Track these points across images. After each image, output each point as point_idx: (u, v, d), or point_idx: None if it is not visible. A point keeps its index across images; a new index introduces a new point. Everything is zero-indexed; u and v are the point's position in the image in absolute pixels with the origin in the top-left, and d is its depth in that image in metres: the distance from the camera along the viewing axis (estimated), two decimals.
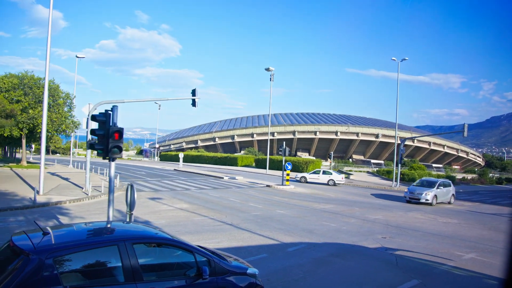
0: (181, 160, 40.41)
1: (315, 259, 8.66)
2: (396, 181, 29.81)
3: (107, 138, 7.39)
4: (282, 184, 24.09)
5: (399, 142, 29.97)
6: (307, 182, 29.11)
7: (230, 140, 77.76)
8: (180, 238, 4.92)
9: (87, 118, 18.36)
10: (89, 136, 18.40)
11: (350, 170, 52.15)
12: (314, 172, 29.61)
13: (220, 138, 78.43)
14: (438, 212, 17.52)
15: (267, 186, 24.74)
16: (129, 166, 41.46)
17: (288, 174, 23.91)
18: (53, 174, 25.64)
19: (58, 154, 74.46)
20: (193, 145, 79.01)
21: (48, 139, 31.00)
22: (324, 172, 29.33)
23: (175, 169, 37.13)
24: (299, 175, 30.46)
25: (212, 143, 78.69)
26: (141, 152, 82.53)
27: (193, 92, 20.45)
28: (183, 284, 4.25)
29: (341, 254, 9.17)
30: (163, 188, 21.13)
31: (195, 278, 4.32)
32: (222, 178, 29.07)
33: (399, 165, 29.10)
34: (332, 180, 28.55)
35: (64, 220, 12.09)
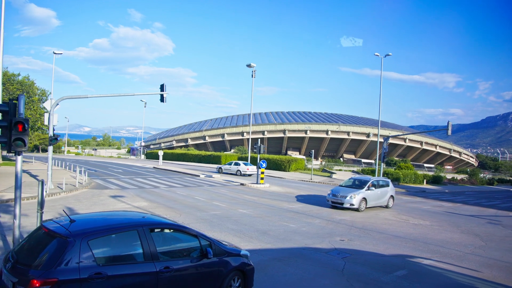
0: (160, 158, 39.68)
1: (253, 263, 7.90)
2: None
3: (9, 130, 6.60)
4: (257, 183, 23.33)
5: (381, 140, 29.31)
6: (223, 173, 32.13)
7: (220, 139, 76.93)
8: (187, 226, 5.66)
9: (49, 114, 17.53)
10: (50, 132, 17.61)
11: (339, 169, 51.57)
12: (228, 164, 32.68)
13: (210, 136, 77.58)
14: (412, 213, 16.82)
15: (241, 184, 23.97)
16: (110, 163, 40.57)
17: (262, 173, 23.16)
18: (24, 171, 24.66)
19: (47, 152, 73.34)
20: (183, 144, 78.14)
21: None
22: (235, 164, 31.89)
23: (154, 167, 36.25)
24: (218, 166, 34.22)
25: (202, 141, 77.84)
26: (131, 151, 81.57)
27: (162, 87, 19.69)
28: (189, 263, 5.04)
29: (284, 259, 8.42)
30: (132, 186, 20.31)
31: (199, 258, 5.14)
32: (199, 176, 28.29)
33: (382, 164, 28.39)
34: (239, 170, 31.05)
35: (4, 219, 11.29)
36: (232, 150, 70.77)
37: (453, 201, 23.88)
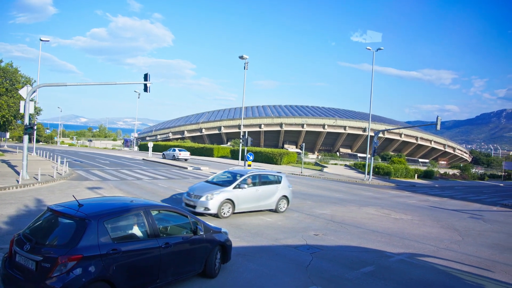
0: (150, 149, 39.54)
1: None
2: (368, 174, 28.88)
3: None
4: None
5: (372, 134, 29.00)
6: (165, 158, 37.79)
7: (217, 131, 76.53)
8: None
9: (24, 102, 17.08)
10: (26, 121, 17.17)
11: (335, 163, 51.40)
12: (169, 150, 38.64)
13: (207, 129, 77.14)
14: (396, 207, 16.56)
15: None
16: (99, 155, 40.19)
17: (249, 165, 22.84)
18: (3, 161, 24.34)
19: (40, 143, 72.66)
20: (180, 136, 77.66)
21: (7, 125, 29.37)
22: (172, 150, 38.05)
23: (143, 159, 35.89)
24: (162, 152, 40.36)
25: (198, 134, 77.39)
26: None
27: (145, 77, 19.25)
28: (183, 239, 5.80)
29: (249, 254, 8.12)
30: (114, 178, 19.96)
31: (191, 235, 5.94)
32: (186, 168, 27.92)
33: (372, 158, 28.15)
34: (174, 155, 36.89)
35: None
36: (229, 143, 70.38)
37: (440, 195, 23.68)
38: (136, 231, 5.26)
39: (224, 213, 11.67)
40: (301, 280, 6.85)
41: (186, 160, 36.68)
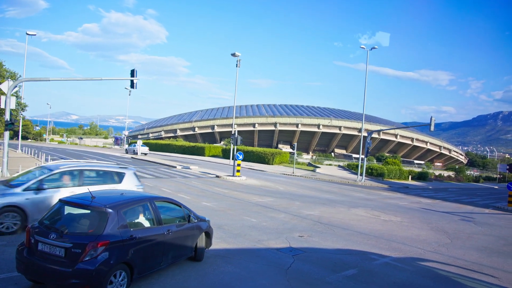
0: (139, 148, 39.10)
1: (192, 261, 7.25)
2: (361, 175, 28.61)
3: None
4: (233, 175, 22.63)
5: (366, 134, 28.73)
6: (127, 153, 41.56)
7: (210, 130, 75.90)
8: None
9: (5, 97, 16.57)
10: (7, 116, 16.68)
11: (329, 164, 51.16)
12: (130, 145, 42.66)
13: (199, 128, 76.47)
14: (386, 209, 16.27)
15: (217, 176, 23.25)
16: (88, 152, 39.59)
17: (239, 165, 22.48)
18: None
19: (29, 140, 71.63)
20: (172, 134, 76.97)
21: None
22: (134, 145, 42.07)
23: (132, 157, 35.43)
24: (125, 148, 44.38)
25: (191, 132, 76.69)
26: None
27: (132, 73, 18.80)
28: (180, 227, 6.49)
29: (228, 255, 7.77)
30: None
31: (185, 222, 6.63)
32: (175, 167, 27.49)
33: (365, 158, 27.88)
34: (134, 150, 40.94)
35: None
36: (222, 142, 69.84)
37: (433, 197, 23.48)
38: (146, 219, 5.87)
39: (6, 228, 7.65)
40: (280, 283, 6.54)
41: (145, 154, 40.07)
